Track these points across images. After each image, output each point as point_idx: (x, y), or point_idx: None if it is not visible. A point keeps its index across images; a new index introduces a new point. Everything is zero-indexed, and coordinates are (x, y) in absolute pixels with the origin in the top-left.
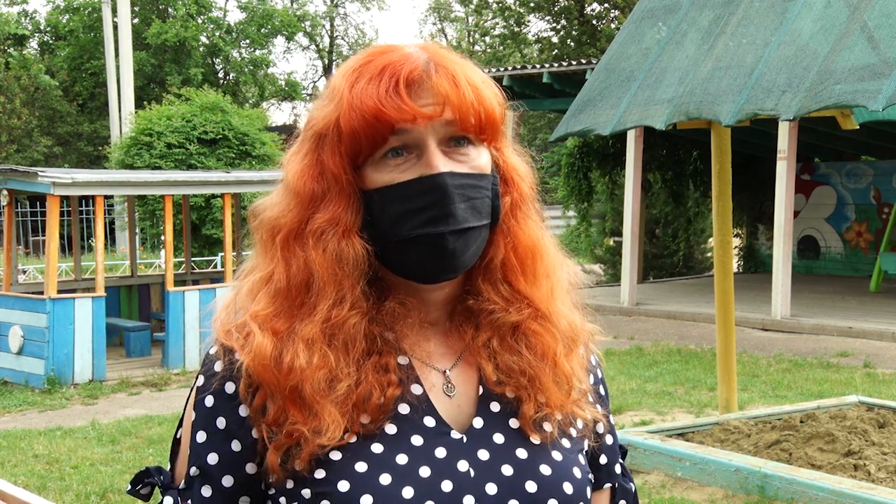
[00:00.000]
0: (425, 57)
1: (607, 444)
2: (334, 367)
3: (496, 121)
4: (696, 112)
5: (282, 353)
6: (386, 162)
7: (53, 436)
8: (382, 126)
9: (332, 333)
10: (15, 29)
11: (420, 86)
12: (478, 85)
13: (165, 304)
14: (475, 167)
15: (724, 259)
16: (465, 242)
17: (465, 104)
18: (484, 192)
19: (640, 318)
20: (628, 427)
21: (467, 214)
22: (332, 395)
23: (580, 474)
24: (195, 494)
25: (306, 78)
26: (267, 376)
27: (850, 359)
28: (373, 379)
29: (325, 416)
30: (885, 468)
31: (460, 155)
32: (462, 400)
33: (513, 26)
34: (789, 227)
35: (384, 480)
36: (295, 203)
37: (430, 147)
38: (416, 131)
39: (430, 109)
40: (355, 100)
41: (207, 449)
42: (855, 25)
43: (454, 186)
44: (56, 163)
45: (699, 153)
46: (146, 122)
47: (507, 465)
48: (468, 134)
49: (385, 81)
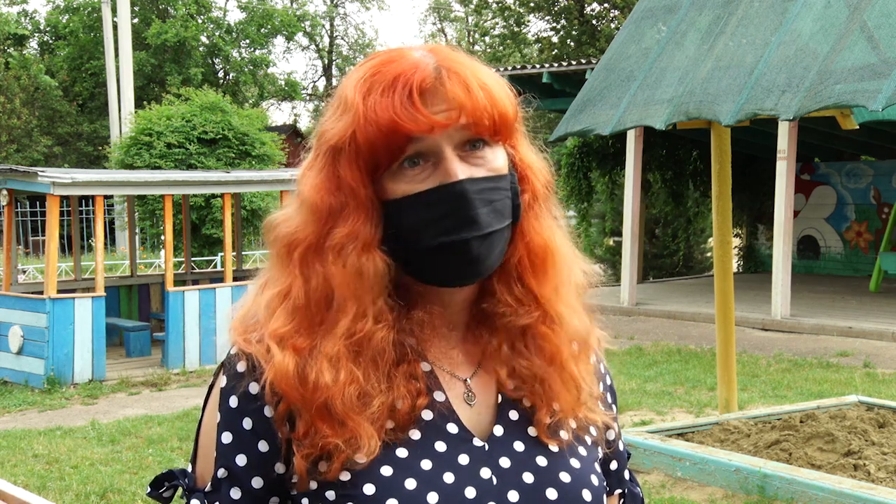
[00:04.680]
0: (434, 62)
1: (618, 450)
2: (363, 382)
3: (510, 120)
4: (696, 112)
5: (305, 370)
6: (403, 172)
7: (53, 436)
8: (399, 138)
9: (359, 349)
10: (15, 29)
11: (433, 93)
12: (490, 86)
13: (165, 304)
14: (493, 169)
15: (724, 259)
16: (490, 246)
17: (479, 108)
18: (504, 192)
19: (639, 318)
20: (628, 427)
21: (490, 218)
22: (366, 411)
23: (597, 482)
24: (223, 497)
25: (306, 78)
26: (292, 394)
27: (850, 359)
28: (403, 389)
29: (360, 432)
30: (884, 468)
31: (476, 158)
32: (482, 408)
33: (513, 26)
34: (789, 227)
35: (409, 485)
36: (312, 218)
37: (447, 154)
38: (432, 139)
39: (445, 116)
40: (370, 112)
41: (235, 450)
42: (855, 25)
43: (474, 192)
44: (56, 163)
45: (699, 153)
46: (146, 122)
47: (528, 473)
48: (483, 136)
49: (399, 92)
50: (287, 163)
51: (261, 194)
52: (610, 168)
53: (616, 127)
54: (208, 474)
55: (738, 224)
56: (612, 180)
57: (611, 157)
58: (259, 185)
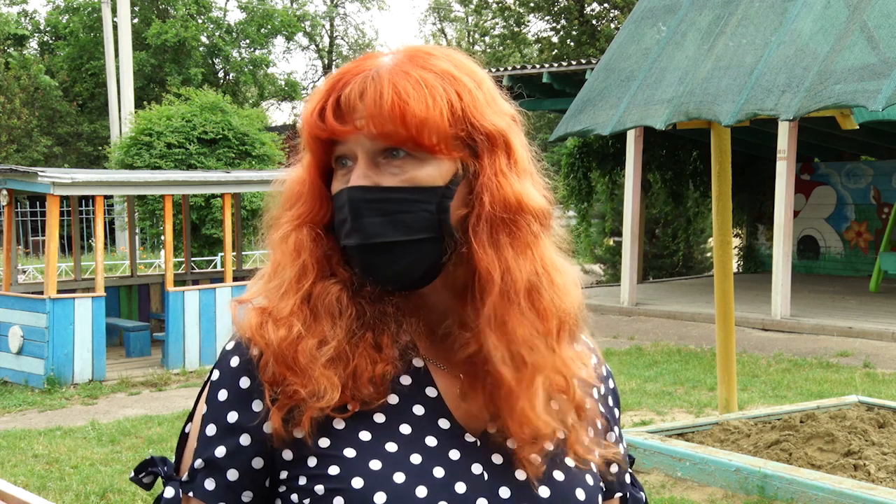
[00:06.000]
0: (383, 68)
1: (619, 454)
2: (321, 335)
3: (440, 131)
4: (696, 112)
5: (264, 324)
6: (337, 171)
7: (53, 436)
8: (314, 140)
9: (314, 307)
10: (15, 29)
11: (355, 101)
12: (411, 95)
13: (165, 304)
14: (408, 180)
15: (724, 259)
16: (390, 257)
17: (384, 117)
18: (419, 205)
19: (639, 318)
20: (628, 427)
21: (382, 229)
22: (321, 359)
23: (592, 482)
24: (198, 487)
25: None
26: (259, 341)
27: (850, 359)
28: (364, 352)
29: (320, 379)
30: (884, 468)
31: (393, 167)
32: (475, 405)
33: (513, 26)
34: (789, 227)
35: (398, 479)
36: (283, 203)
37: (358, 160)
38: (349, 145)
39: (359, 124)
40: (304, 114)
41: (216, 442)
42: (855, 25)
43: (363, 201)
44: (56, 163)
45: (699, 153)
46: (146, 122)
47: (520, 470)
48: (399, 146)
49: (321, 98)
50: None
51: (261, 194)
52: (610, 168)
53: (616, 127)
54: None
55: (738, 224)
56: (612, 180)
57: (611, 157)
58: (259, 185)
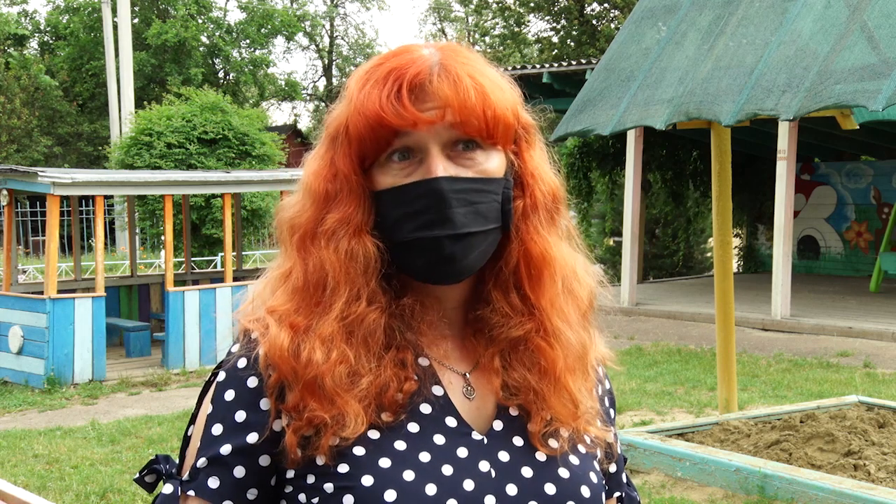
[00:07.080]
0: (436, 59)
1: (617, 454)
2: (354, 362)
3: (507, 124)
4: (696, 112)
5: (299, 347)
6: (391, 165)
7: (53, 436)
8: (384, 131)
9: (351, 330)
10: (15, 29)
11: (423, 90)
12: (485, 87)
13: (165, 304)
14: (481, 171)
15: (724, 259)
16: (466, 247)
17: (468, 108)
18: (491, 196)
19: (640, 318)
20: (628, 427)
21: (468, 219)
22: (354, 389)
23: (596, 479)
24: (200, 486)
25: (306, 78)
26: (284, 367)
27: (850, 359)
28: (391, 373)
29: (347, 410)
30: (885, 468)
31: (465, 159)
32: (481, 403)
33: (513, 26)
34: (789, 227)
35: (408, 476)
36: (311, 203)
37: (432, 152)
38: (419, 136)
39: (432, 114)
40: (360, 104)
41: (222, 441)
42: (855, 25)
43: (452, 191)
44: (56, 163)
45: (699, 153)
46: (146, 122)
47: (526, 467)
48: (474, 137)
49: (388, 86)
50: (287, 163)
51: (261, 194)
52: (610, 168)
53: (616, 127)
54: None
55: (738, 224)
56: (612, 180)
57: (611, 157)
58: (259, 185)
